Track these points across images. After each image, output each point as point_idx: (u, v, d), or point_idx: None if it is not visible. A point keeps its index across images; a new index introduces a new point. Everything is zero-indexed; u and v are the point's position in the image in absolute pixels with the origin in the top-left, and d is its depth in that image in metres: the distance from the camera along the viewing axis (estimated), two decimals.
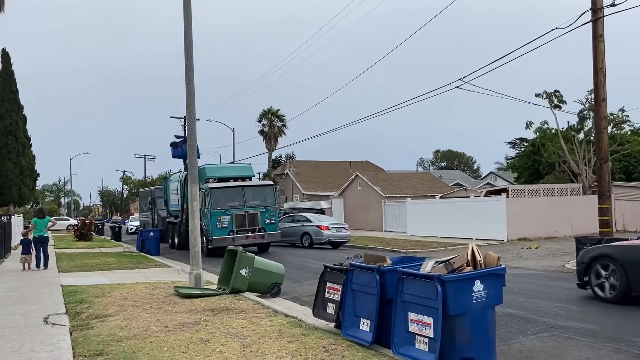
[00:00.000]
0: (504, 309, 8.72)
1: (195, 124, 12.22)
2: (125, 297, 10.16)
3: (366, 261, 6.94)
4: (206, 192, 20.53)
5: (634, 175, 37.62)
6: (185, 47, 12.02)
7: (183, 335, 6.87)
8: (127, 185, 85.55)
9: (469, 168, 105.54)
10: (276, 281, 10.88)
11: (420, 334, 5.60)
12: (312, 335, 6.79)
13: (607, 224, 15.38)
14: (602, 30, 15.25)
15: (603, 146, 15.61)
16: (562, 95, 31.21)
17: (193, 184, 11.89)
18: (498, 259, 5.85)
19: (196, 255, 11.60)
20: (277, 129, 57.14)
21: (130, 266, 16.34)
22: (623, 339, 7.09)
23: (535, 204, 26.71)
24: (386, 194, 38.01)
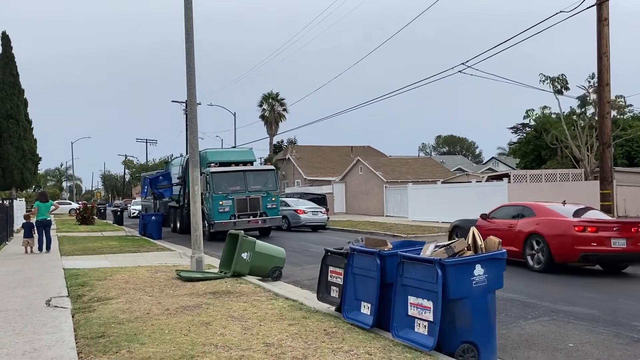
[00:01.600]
0: (504, 293, 8.75)
1: (196, 108, 12.17)
2: (127, 280, 10.21)
3: (367, 245, 6.95)
4: (208, 177, 20.53)
5: (636, 160, 37.49)
6: (185, 29, 11.93)
7: (184, 318, 6.91)
8: (129, 169, 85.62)
9: (471, 153, 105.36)
10: (277, 265, 10.92)
11: (420, 318, 5.62)
12: (313, 318, 6.82)
13: (608, 209, 15.40)
14: (607, 13, 15.12)
15: (606, 131, 15.56)
16: (566, 80, 30.99)
17: (194, 167, 11.88)
18: (499, 243, 5.84)
19: (198, 239, 11.63)
20: (278, 114, 56.99)
21: (132, 250, 16.40)
22: (623, 324, 7.12)
23: (537, 189, 26.67)
24: (388, 179, 37.99)
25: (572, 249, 11.22)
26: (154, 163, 71.00)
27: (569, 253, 11.30)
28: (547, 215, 12.25)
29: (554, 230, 11.70)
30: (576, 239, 11.18)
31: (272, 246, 11.28)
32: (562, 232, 11.50)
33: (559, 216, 12.07)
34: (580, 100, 31.90)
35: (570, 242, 11.23)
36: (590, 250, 11.06)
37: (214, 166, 21.32)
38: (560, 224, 11.71)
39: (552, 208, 12.65)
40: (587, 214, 12.45)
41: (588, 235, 11.15)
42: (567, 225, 11.52)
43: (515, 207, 13.74)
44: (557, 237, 11.49)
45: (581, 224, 11.41)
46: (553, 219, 12.02)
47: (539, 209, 12.72)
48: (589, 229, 11.23)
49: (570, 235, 11.27)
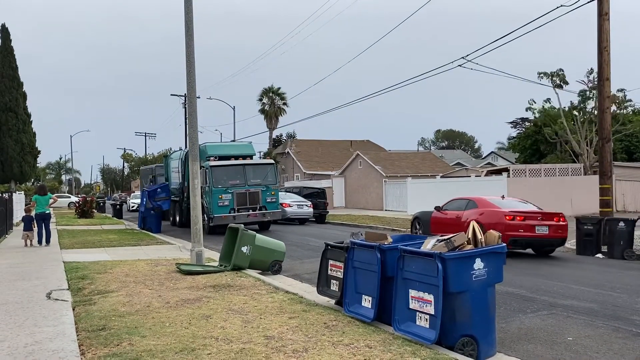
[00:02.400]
0: (503, 287, 8.77)
1: (195, 102, 12.15)
2: (127, 273, 10.22)
3: (367, 239, 6.96)
4: (207, 171, 20.48)
5: (635, 155, 37.50)
6: (185, 22, 11.89)
7: (185, 311, 6.93)
8: (128, 162, 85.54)
9: (470, 148, 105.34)
10: (277, 259, 10.93)
11: (421, 311, 5.64)
12: (313, 312, 6.84)
13: (607, 203, 15.41)
14: (608, 8, 15.08)
15: (606, 126, 15.55)
16: (564, 75, 31.00)
17: (194, 161, 11.88)
18: (499, 237, 5.87)
19: (197, 232, 11.64)
20: (278, 108, 56.95)
21: (131, 243, 16.42)
22: (622, 318, 7.15)
23: (536, 184, 26.71)
24: (387, 174, 38.01)
25: (503, 234, 11.43)
26: (153, 157, 70.94)
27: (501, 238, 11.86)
28: (487, 207, 14.46)
29: (491, 219, 13.67)
30: (507, 226, 13.27)
31: (272, 240, 11.29)
32: (496, 220, 13.54)
33: (496, 208, 14.27)
34: (580, 95, 31.91)
35: (502, 229, 12.67)
36: (518, 235, 13.28)
37: (213, 160, 21.27)
38: (495, 214, 13.91)
39: (490, 201, 14.92)
40: (519, 206, 14.63)
41: (517, 223, 13.42)
42: (500, 215, 13.71)
43: (462, 200, 15.84)
44: (493, 224, 12.88)
45: (511, 214, 13.64)
46: (490, 210, 14.22)
47: (480, 202, 14.98)
48: (517, 218, 13.49)
49: (503, 223, 13.33)
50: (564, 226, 13.77)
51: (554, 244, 13.93)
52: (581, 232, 14.30)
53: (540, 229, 13.41)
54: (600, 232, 13.95)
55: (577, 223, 14.54)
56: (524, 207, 14.59)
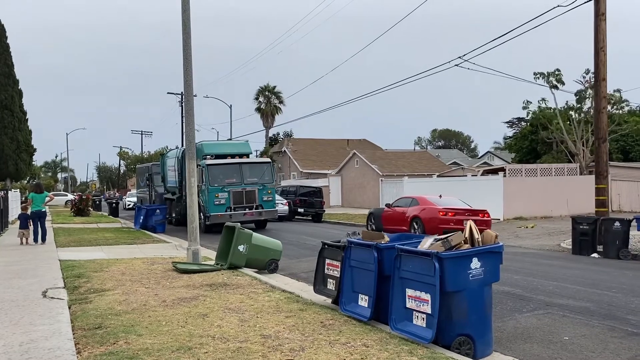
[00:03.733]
0: (500, 286, 8.79)
1: (193, 100, 12.12)
2: (123, 272, 10.20)
3: (364, 238, 6.97)
4: (203, 169, 20.39)
5: (631, 155, 37.64)
6: (182, 20, 11.86)
7: (181, 310, 6.92)
8: (124, 160, 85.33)
9: (467, 147, 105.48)
10: (274, 257, 10.92)
11: (418, 310, 5.64)
12: (310, 311, 6.84)
13: (603, 203, 15.44)
14: (604, 8, 15.11)
15: (602, 126, 15.58)
16: (561, 75, 31.06)
17: (191, 160, 11.86)
18: (496, 237, 5.87)
19: (194, 231, 11.62)
20: (274, 107, 56.89)
21: (127, 241, 16.37)
22: (617, 317, 7.17)
23: (532, 184, 26.77)
24: (384, 173, 38.03)
25: (437, 227, 15.72)
26: (149, 155, 70.78)
27: (435, 230, 15.34)
28: (426, 204, 17.56)
29: (428, 214, 17.06)
30: (440, 220, 16.45)
31: (268, 239, 11.28)
32: (432, 215, 16.81)
33: (433, 205, 17.28)
34: (577, 95, 32.01)
35: (436, 222, 16.33)
36: (449, 227, 15.03)
37: (209, 158, 21.19)
38: (432, 210, 17.08)
39: (429, 199, 18.01)
40: (452, 203, 17.62)
41: (448, 217, 16.54)
42: (435, 211, 16.88)
43: (408, 199, 19.26)
44: (429, 219, 16.68)
45: (444, 210, 16.78)
46: (429, 207, 17.28)
47: (421, 200, 18.11)
48: (449, 214, 16.63)
49: (437, 218, 16.58)
50: (488, 221, 16.95)
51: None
52: (577, 231, 14.34)
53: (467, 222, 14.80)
54: (596, 231, 13.99)
55: (572, 223, 14.59)
56: (456, 204, 17.63)
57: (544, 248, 15.63)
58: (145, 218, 21.74)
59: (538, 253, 14.64)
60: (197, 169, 20.14)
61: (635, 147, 37.75)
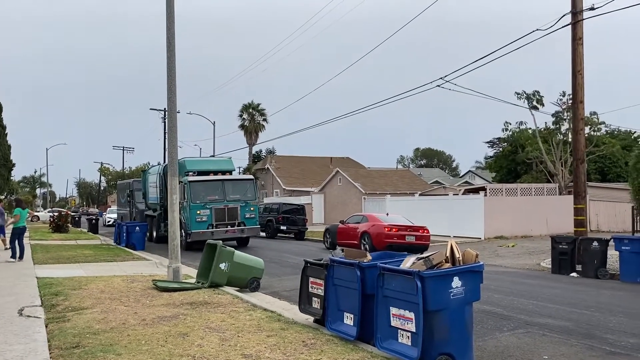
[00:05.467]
0: (480, 305, 8.84)
1: (176, 117, 12.10)
2: (102, 289, 10.05)
3: (347, 257, 6.98)
4: (185, 186, 20.19)
5: (608, 176, 38.36)
6: (167, 38, 11.88)
7: (161, 329, 6.83)
8: (105, 176, 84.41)
9: (448, 166, 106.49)
10: (255, 276, 10.85)
11: (403, 329, 5.65)
12: (291, 330, 6.81)
13: (581, 223, 15.68)
14: (582, 33, 15.49)
15: (580, 147, 15.88)
16: (541, 96, 31.69)
17: (173, 177, 11.80)
18: (476, 256, 5.93)
19: (175, 248, 11.51)
20: (258, 124, 56.90)
21: (107, 259, 16.15)
22: (596, 336, 7.25)
23: (512, 203, 27.09)
24: (366, 191, 38.16)
25: (383, 241, 17.92)
26: (130, 171, 70.14)
27: (381, 244, 17.66)
28: (374, 221, 19.34)
29: (375, 230, 18.69)
30: (385, 236, 18.16)
31: (250, 257, 11.22)
32: (379, 231, 18.47)
33: (380, 222, 18.99)
34: (555, 117, 32.65)
35: (382, 237, 18.13)
36: (393, 242, 17.71)
37: (192, 175, 21.02)
38: (378, 226, 18.74)
39: (377, 216, 20.09)
40: (397, 220, 19.52)
41: (392, 233, 18.26)
42: (382, 227, 18.54)
43: (359, 216, 21.24)
44: (376, 234, 18.43)
45: (389, 226, 18.51)
46: (376, 223, 18.99)
47: (370, 217, 20.14)
48: (393, 230, 18.36)
49: (382, 233, 18.26)
50: (427, 236, 18.85)
51: (420, 249, 17.61)
52: (556, 251, 14.51)
53: (409, 238, 18.41)
54: (575, 251, 14.17)
55: (552, 242, 14.75)
56: (400, 221, 19.49)
57: (524, 267, 15.78)
58: (126, 235, 21.48)
59: (518, 272, 14.77)
60: (179, 186, 20.02)
61: (612, 169, 38.51)
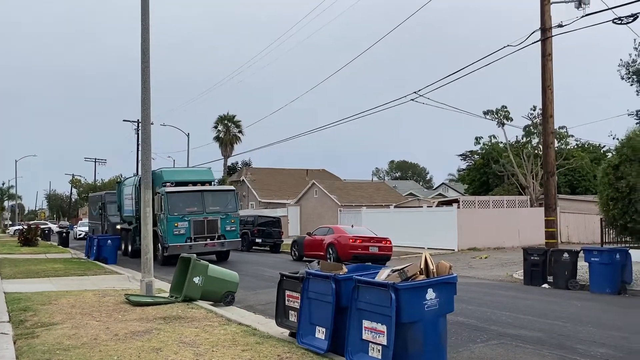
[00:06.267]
0: (454, 317, 8.91)
1: (150, 128, 12.00)
2: (73, 304, 9.84)
3: (322, 269, 6.99)
4: (163, 197, 19.52)
5: (578, 189, 39.25)
6: (141, 49, 11.81)
7: (134, 344, 6.72)
8: (77, 188, 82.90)
9: (422, 179, 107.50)
10: (230, 289, 10.76)
11: (374, 342, 5.67)
12: (267, 344, 6.76)
13: (552, 235, 15.99)
14: (551, 49, 15.93)
15: (550, 160, 16.25)
16: (508, 112, 32.45)
17: (146, 189, 11.66)
18: (450, 267, 6.01)
19: (148, 262, 11.36)
20: (233, 136, 56.77)
21: (78, 273, 15.82)
22: (567, 346, 7.38)
23: (485, 215, 27.48)
24: (342, 203, 38.26)
25: (348, 252, 18.89)
26: (102, 183, 69.06)
27: (346, 255, 18.68)
28: (340, 233, 20.19)
29: (340, 241, 19.46)
30: (350, 247, 19.06)
31: (225, 270, 11.13)
32: (344, 242, 19.31)
33: (345, 233, 19.85)
34: (525, 131, 33.39)
35: (347, 248, 19.00)
36: (357, 253, 18.70)
37: (169, 186, 20.23)
38: (344, 238, 19.57)
39: (343, 228, 20.96)
40: (361, 232, 20.47)
41: (357, 244, 19.13)
42: (347, 238, 19.43)
43: (325, 228, 21.76)
44: (341, 245, 19.24)
45: (354, 237, 19.43)
46: (341, 235, 19.80)
47: (336, 229, 20.86)
48: (358, 241, 19.27)
49: (347, 244, 19.14)
50: (389, 247, 19.78)
51: (383, 259, 18.92)
52: (528, 262, 14.74)
53: (372, 249, 19.28)
54: (546, 262, 14.43)
55: (524, 254, 15.00)
56: (364, 233, 20.38)
57: (497, 279, 15.99)
58: (97, 248, 21.06)
59: (491, 284, 14.96)
60: (156, 197, 19.34)
61: (581, 182, 39.43)
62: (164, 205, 19.48)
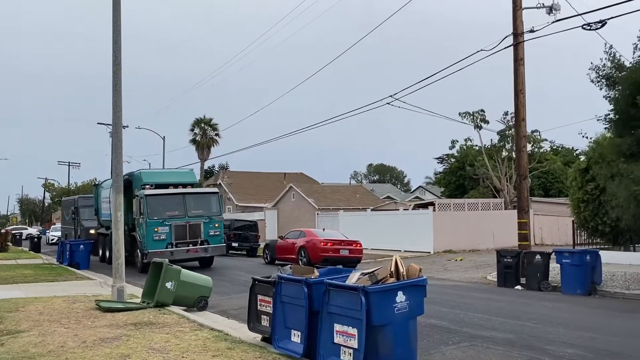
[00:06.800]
0: (427, 319, 8.97)
1: (121, 132, 11.83)
2: (41, 311, 9.63)
3: (294, 273, 6.96)
4: (142, 200, 18.44)
5: (551, 191, 39.90)
6: (113, 52, 11.66)
7: (102, 351, 6.59)
8: (50, 192, 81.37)
9: (400, 182, 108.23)
10: (203, 294, 10.65)
11: (345, 345, 5.66)
12: (238, 349, 6.70)
13: (525, 237, 16.20)
14: (523, 54, 16.17)
15: (522, 163, 16.48)
16: (484, 115, 32.80)
17: (117, 193, 11.50)
18: (420, 270, 6.03)
19: (119, 267, 11.19)
20: (210, 139, 56.34)
21: (49, 279, 15.52)
22: (536, 348, 7.47)
23: (460, 218, 27.75)
24: (320, 206, 38.26)
25: (319, 255, 19.05)
26: (76, 187, 67.91)
27: (317, 257, 18.77)
28: (311, 236, 20.29)
29: (311, 244, 19.63)
30: (321, 250, 19.18)
31: (198, 275, 11.01)
32: (315, 246, 19.43)
33: (317, 237, 20.00)
34: (500, 135, 33.83)
35: (319, 251, 19.14)
36: (328, 255, 18.81)
37: (149, 188, 19.07)
38: (315, 241, 19.70)
39: (314, 232, 21.15)
40: (332, 235, 20.83)
41: (327, 247, 19.32)
42: (318, 241, 19.58)
43: (297, 232, 21.85)
44: (312, 248, 19.41)
45: (325, 240, 19.63)
46: (312, 238, 19.94)
47: (308, 233, 20.99)
48: (329, 244, 19.46)
49: (319, 247, 19.26)
50: (359, 249, 20.03)
51: (353, 261, 19.39)
52: (502, 264, 14.90)
53: (343, 251, 19.51)
54: (519, 264, 14.59)
55: (497, 256, 15.16)
56: (335, 236, 20.72)
57: (472, 281, 16.13)
58: (69, 253, 20.65)
59: (465, 286, 15.09)
60: (135, 200, 18.73)
61: (555, 184, 40.10)
62: (143, 208, 18.38)
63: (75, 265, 19.91)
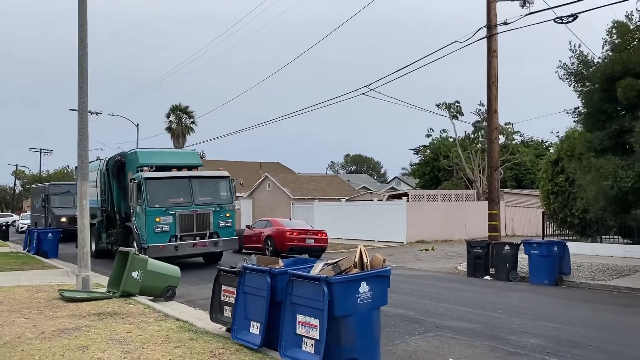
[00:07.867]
0: (394, 309, 9.01)
1: (87, 117, 11.56)
2: (1, 301, 9.39)
3: (259, 263, 6.88)
4: (140, 184, 15.64)
5: (523, 182, 40.48)
6: (79, 36, 11.36)
7: (60, 342, 6.44)
8: (20, 180, 79.64)
9: (377, 172, 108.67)
10: (171, 284, 10.49)
11: (307, 336, 5.62)
12: (200, 340, 6.62)
13: (495, 228, 16.39)
14: (496, 46, 16.25)
15: (494, 155, 16.62)
16: (460, 107, 33.01)
17: (83, 181, 11.24)
18: (384, 260, 6.01)
19: (85, 256, 10.99)
20: (186, 127, 55.57)
21: (13, 267, 15.17)
22: (500, 337, 7.54)
23: (434, 209, 27.97)
24: (295, 196, 38.19)
25: (285, 244, 19.15)
26: (48, 174, 66.59)
27: (283, 247, 19.00)
28: (278, 225, 20.38)
29: (278, 234, 19.66)
30: (287, 239, 19.21)
31: (165, 265, 10.84)
32: (282, 235, 19.44)
33: (283, 226, 20.11)
34: (474, 126, 34.10)
35: (285, 241, 19.18)
36: (294, 245, 19.05)
37: (147, 170, 16.15)
38: (281, 230, 19.72)
39: (280, 221, 21.18)
40: (298, 224, 20.93)
41: (293, 236, 19.33)
42: (284, 231, 19.56)
43: (264, 221, 21.94)
44: (279, 237, 19.44)
45: (291, 230, 19.60)
46: (279, 228, 20.00)
47: (274, 222, 20.98)
48: (295, 233, 19.45)
49: (285, 237, 19.26)
50: (325, 239, 20.12)
51: (318, 250, 19.59)
52: (471, 255, 15.04)
53: (309, 241, 19.61)
54: (488, 255, 14.75)
55: (467, 246, 15.30)
56: (302, 226, 20.82)
57: (442, 271, 16.28)
58: (37, 242, 20.21)
59: (436, 275, 15.22)
60: (131, 184, 16.15)
61: (527, 176, 40.69)
62: (142, 194, 15.56)
63: (43, 254, 19.48)
